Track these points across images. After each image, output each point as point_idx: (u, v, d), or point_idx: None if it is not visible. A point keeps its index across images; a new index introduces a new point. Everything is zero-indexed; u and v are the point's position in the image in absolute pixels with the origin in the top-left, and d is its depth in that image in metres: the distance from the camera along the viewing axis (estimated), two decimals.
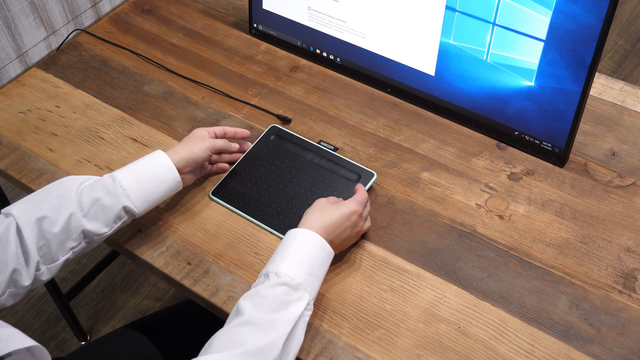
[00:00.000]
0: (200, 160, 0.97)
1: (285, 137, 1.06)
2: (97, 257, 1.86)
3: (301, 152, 1.04)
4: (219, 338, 0.76)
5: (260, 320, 0.76)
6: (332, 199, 0.92)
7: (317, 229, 0.86)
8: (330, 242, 0.86)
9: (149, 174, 0.92)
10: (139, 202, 0.90)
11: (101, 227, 0.88)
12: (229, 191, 1.02)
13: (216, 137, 1.01)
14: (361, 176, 1.00)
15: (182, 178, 0.95)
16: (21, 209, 0.85)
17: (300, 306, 0.79)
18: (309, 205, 0.93)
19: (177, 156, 0.94)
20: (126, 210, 0.90)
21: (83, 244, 0.89)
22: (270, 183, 1.01)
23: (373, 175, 1.01)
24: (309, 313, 0.81)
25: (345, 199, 0.94)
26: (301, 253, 0.83)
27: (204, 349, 0.76)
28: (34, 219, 0.84)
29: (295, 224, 0.95)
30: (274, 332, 0.76)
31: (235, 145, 1.04)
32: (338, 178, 1.01)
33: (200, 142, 0.97)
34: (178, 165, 0.94)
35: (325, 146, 1.05)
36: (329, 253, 0.86)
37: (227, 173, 1.04)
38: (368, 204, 0.96)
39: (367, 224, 0.95)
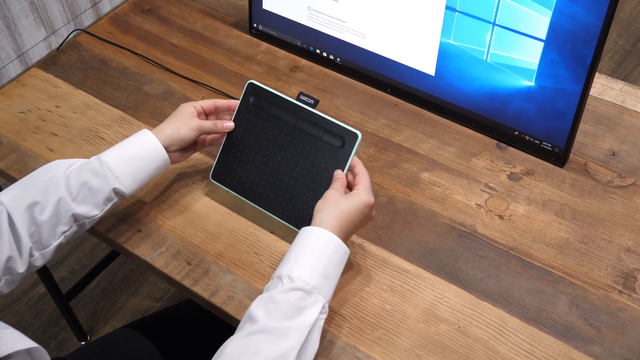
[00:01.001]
0: (188, 140, 0.95)
1: (264, 97, 0.97)
2: (97, 257, 1.86)
3: (282, 115, 0.96)
4: (232, 347, 0.74)
5: (274, 329, 0.74)
6: (339, 185, 0.88)
7: (333, 228, 0.82)
8: (346, 238, 0.84)
9: (136, 154, 0.91)
10: (128, 183, 0.90)
11: (91, 209, 0.88)
12: (225, 172, 0.99)
13: (205, 112, 0.98)
14: (345, 140, 0.92)
15: (169, 156, 0.94)
16: (10, 197, 0.85)
17: (315, 311, 0.77)
18: (300, 182, 0.92)
19: (162, 135, 0.93)
20: (116, 191, 0.89)
21: (74, 228, 0.89)
22: (260, 159, 0.97)
23: (357, 136, 0.90)
24: (323, 317, 0.79)
25: (332, 168, 0.90)
26: (315, 254, 0.81)
27: (215, 357, 0.74)
28: (24, 206, 0.84)
29: (289, 205, 0.93)
30: (289, 341, 0.74)
31: (229, 125, 0.98)
32: (323, 144, 0.93)
33: (187, 121, 0.94)
34: (164, 144, 0.92)
35: (305, 100, 0.95)
36: (344, 252, 0.84)
37: (220, 150, 1.00)
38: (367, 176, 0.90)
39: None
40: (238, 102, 0.99)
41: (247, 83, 0.98)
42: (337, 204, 0.85)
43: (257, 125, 0.97)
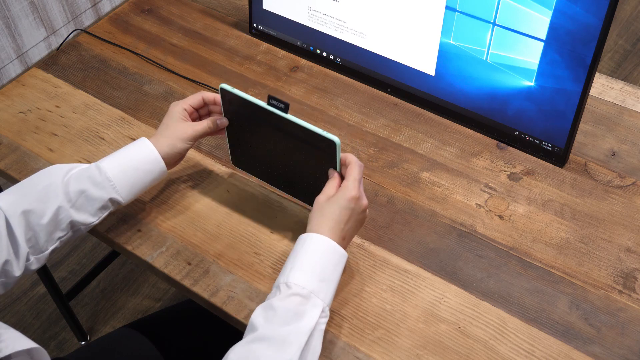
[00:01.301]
0: (185, 151, 0.95)
1: (240, 104, 0.94)
2: (97, 257, 1.86)
3: (263, 120, 0.93)
4: (234, 355, 0.74)
5: (274, 335, 0.75)
6: (329, 190, 0.86)
7: (325, 232, 0.83)
8: (342, 239, 0.84)
9: (135, 165, 0.91)
10: (125, 193, 0.91)
11: (88, 217, 0.89)
12: (241, 159, 1.00)
13: (195, 109, 0.97)
14: (321, 149, 0.86)
15: (167, 167, 0.95)
16: (9, 202, 0.85)
17: (314, 315, 0.77)
18: (302, 173, 0.92)
19: (161, 150, 0.93)
20: (112, 200, 0.90)
21: (70, 234, 0.89)
22: (261, 151, 0.96)
23: (334, 144, 0.84)
24: (324, 320, 0.80)
25: (325, 166, 0.88)
26: (311, 260, 0.81)
27: None
28: (22, 211, 0.84)
29: (304, 190, 0.94)
30: (289, 347, 0.74)
31: (222, 122, 0.96)
32: (307, 147, 0.89)
33: (181, 133, 0.94)
34: (163, 158, 0.93)
35: (276, 105, 0.90)
36: (341, 255, 0.84)
37: (227, 140, 0.99)
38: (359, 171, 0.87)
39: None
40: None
41: (219, 87, 0.94)
42: (321, 212, 0.84)
43: (245, 125, 0.96)
